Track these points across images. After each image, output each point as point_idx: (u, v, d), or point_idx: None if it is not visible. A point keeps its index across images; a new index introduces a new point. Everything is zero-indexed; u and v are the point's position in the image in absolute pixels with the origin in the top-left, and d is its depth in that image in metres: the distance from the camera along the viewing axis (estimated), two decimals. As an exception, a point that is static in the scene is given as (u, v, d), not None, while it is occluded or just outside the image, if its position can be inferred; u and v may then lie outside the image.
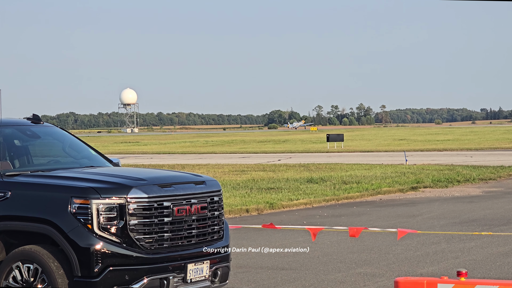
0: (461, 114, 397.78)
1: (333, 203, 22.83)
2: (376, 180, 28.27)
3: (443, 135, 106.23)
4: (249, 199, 22.25)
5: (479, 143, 71.17)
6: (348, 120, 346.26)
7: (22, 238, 8.51)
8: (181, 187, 8.65)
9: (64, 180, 8.55)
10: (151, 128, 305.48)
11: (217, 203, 9.01)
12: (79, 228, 8.10)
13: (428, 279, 7.08)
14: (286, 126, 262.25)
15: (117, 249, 8.12)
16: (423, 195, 24.84)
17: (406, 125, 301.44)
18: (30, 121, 10.14)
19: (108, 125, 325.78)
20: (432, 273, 11.96)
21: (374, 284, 11.21)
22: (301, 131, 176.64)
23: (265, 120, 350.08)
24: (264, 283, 11.44)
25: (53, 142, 10.29)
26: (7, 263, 8.40)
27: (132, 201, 8.20)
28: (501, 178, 30.76)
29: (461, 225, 17.41)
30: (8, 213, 8.43)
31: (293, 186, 26.37)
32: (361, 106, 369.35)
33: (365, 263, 12.85)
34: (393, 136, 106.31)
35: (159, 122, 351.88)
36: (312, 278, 11.73)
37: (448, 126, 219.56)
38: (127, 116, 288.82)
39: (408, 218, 18.81)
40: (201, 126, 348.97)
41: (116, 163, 10.25)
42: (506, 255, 13.44)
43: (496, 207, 21.02)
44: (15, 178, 8.74)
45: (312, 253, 13.85)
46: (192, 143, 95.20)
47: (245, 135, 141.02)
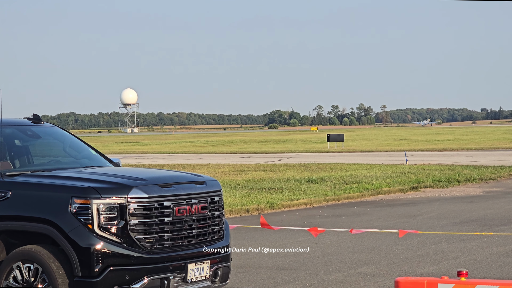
0: (461, 114, 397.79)
1: (333, 203, 22.83)
2: (377, 180, 28.27)
3: (443, 135, 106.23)
4: (249, 199, 22.26)
5: (479, 143, 71.16)
6: (349, 120, 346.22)
7: (23, 238, 8.51)
8: (181, 187, 8.65)
9: (64, 180, 8.55)
10: (151, 128, 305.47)
11: (217, 203, 9.01)
12: (80, 228, 8.10)
13: (429, 279, 7.09)
14: (419, 124, 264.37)
15: (118, 249, 8.12)
16: (423, 195, 24.84)
17: (407, 125, 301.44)
18: (31, 121, 10.14)
19: (109, 125, 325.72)
20: (433, 273, 11.96)
21: (375, 284, 11.21)
22: (301, 131, 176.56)
23: (266, 120, 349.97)
24: (265, 283, 11.44)
25: (53, 142, 10.29)
26: (8, 263, 8.40)
27: (132, 201, 8.20)
28: (501, 178, 30.76)
29: (462, 225, 17.41)
30: (8, 213, 8.43)
31: (293, 186, 26.37)
32: (362, 106, 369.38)
33: (365, 263, 12.85)
34: (394, 136, 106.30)
35: (160, 122, 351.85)
36: (312, 278, 11.73)
37: (448, 126, 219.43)
38: (127, 116, 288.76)
39: (408, 218, 18.81)
40: (202, 126, 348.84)
41: (116, 163, 10.25)
42: (506, 255, 13.44)
43: (496, 207, 21.02)
44: (16, 178, 8.74)
45: (313, 253, 13.85)
46: (193, 143, 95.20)
47: (245, 135, 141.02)
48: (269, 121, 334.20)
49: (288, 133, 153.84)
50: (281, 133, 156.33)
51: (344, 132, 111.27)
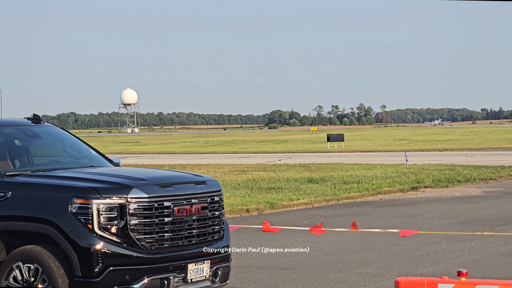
0: (461, 114, 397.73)
1: (333, 203, 22.83)
2: (377, 180, 28.27)
3: (443, 135, 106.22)
4: (249, 199, 22.26)
5: (479, 143, 71.16)
6: (349, 120, 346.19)
7: (23, 238, 8.51)
8: (181, 187, 8.65)
9: (64, 180, 8.55)
10: (151, 128, 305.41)
11: (217, 203, 9.01)
12: (80, 228, 8.10)
13: (429, 279, 7.09)
14: (430, 124, 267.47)
15: (118, 249, 8.12)
16: (423, 195, 24.84)
17: (407, 125, 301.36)
18: (31, 121, 10.14)
19: (109, 125, 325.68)
20: (433, 273, 11.96)
21: (375, 284, 11.21)
22: (301, 131, 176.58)
23: (266, 120, 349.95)
24: (265, 283, 11.44)
25: (53, 142, 10.29)
26: (8, 263, 8.40)
27: (132, 201, 8.20)
28: (501, 178, 30.76)
29: (462, 225, 17.41)
30: (8, 213, 8.43)
31: (293, 186, 26.37)
32: (362, 106, 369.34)
33: (365, 263, 12.85)
34: (394, 136, 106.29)
35: (160, 122, 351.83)
36: (312, 278, 11.73)
37: (448, 126, 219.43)
38: (127, 116, 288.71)
39: (408, 218, 18.81)
40: (202, 126, 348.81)
41: (116, 163, 10.25)
42: (506, 255, 13.44)
43: (496, 207, 21.02)
44: (16, 178, 8.74)
45: (313, 253, 13.85)
46: (193, 143, 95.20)
47: (245, 135, 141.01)
48: (269, 121, 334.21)
49: (288, 133, 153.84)
50: (281, 133, 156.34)
51: (344, 132, 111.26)
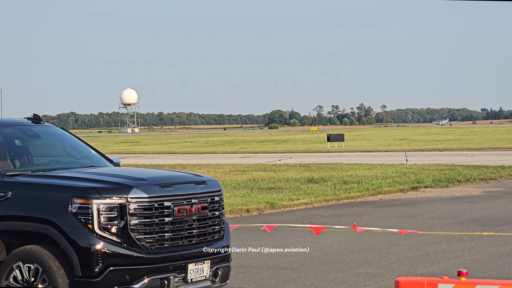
0: (461, 114, 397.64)
1: (333, 203, 22.83)
2: (377, 180, 28.26)
3: (443, 135, 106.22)
4: (249, 199, 22.26)
5: (479, 143, 71.16)
6: (349, 120, 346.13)
7: (23, 238, 8.51)
8: (181, 187, 8.65)
9: (64, 180, 8.55)
10: (151, 128, 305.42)
11: (217, 203, 9.01)
12: (80, 228, 8.10)
13: (429, 279, 7.08)
14: (437, 124, 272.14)
15: (118, 249, 8.12)
16: (423, 195, 24.84)
17: (407, 125, 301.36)
18: (31, 121, 10.14)
19: (109, 125, 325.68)
20: (433, 273, 11.96)
21: (375, 284, 11.21)
22: (301, 131, 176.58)
23: (266, 120, 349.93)
24: (265, 283, 11.44)
25: (53, 142, 10.29)
26: (8, 263, 8.40)
27: (132, 201, 8.20)
28: (501, 178, 30.76)
29: (462, 225, 17.41)
30: (8, 213, 8.44)
31: (293, 186, 26.36)
32: (362, 106, 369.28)
33: (365, 263, 12.85)
34: (394, 136, 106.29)
35: (160, 122, 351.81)
36: (312, 278, 11.73)
37: (448, 126, 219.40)
38: (127, 116, 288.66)
39: (408, 218, 18.81)
40: (202, 126, 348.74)
41: (116, 163, 10.25)
42: (506, 255, 13.44)
43: (496, 207, 21.02)
44: (16, 178, 8.74)
45: (313, 253, 13.84)
46: (193, 143, 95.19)
47: (245, 135, 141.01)
48: (269, 121, 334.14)
49: (288, 133, 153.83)
50: (281, 133, 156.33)
51: (344, 132, 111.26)
